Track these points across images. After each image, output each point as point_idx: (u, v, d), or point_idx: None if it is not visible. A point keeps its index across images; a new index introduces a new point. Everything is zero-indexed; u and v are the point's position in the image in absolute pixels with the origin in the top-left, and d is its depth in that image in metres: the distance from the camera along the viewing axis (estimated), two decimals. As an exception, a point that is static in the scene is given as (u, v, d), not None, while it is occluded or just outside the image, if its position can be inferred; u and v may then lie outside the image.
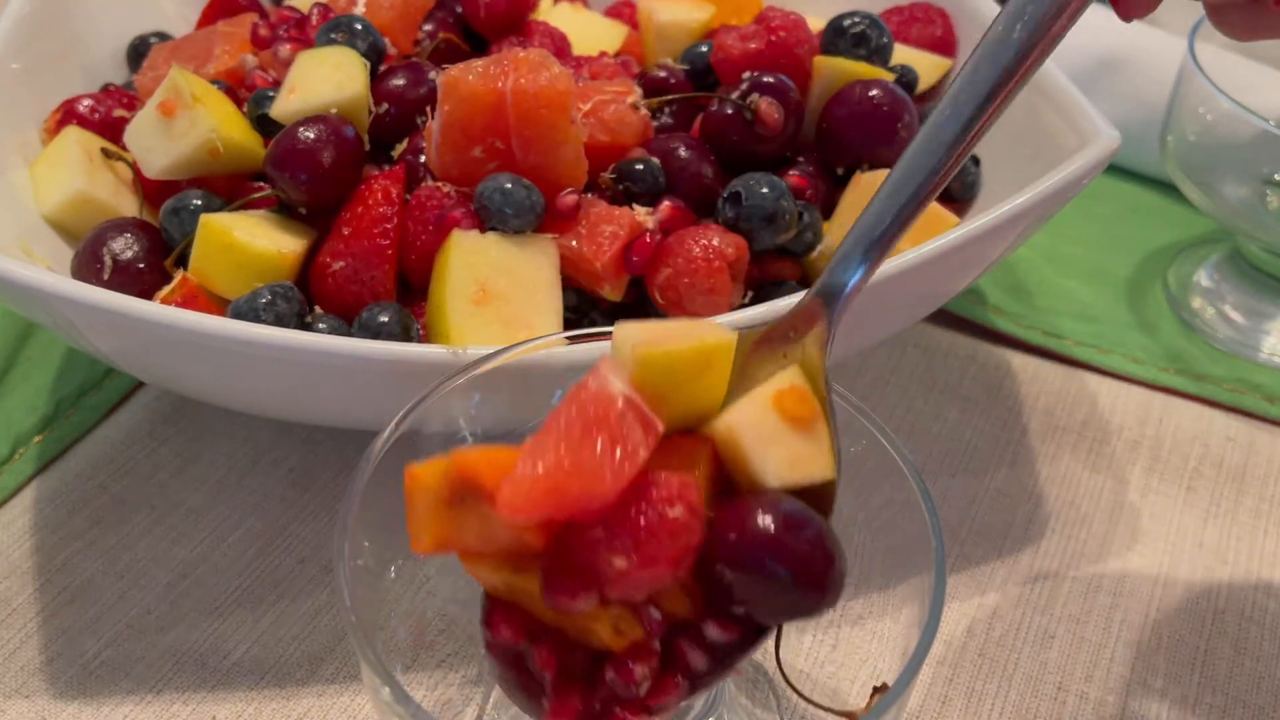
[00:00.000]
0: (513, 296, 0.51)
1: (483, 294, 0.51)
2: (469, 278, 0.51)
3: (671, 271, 0.53)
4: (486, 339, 0.50)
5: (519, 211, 0.52)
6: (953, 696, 0.51)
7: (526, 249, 0.52)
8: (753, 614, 0.40)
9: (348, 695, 0.50)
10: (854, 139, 0.59)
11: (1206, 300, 0.72)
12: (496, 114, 0.52)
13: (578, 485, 0.36)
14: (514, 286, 0.52)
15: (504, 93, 0.52)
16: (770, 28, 0.60)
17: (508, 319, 0.51)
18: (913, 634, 0.40)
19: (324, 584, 0.54)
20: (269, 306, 0.50)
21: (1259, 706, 0.51)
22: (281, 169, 0.54)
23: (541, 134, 0.53)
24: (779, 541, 0.38)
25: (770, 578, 0.38)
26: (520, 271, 0.52)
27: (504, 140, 0.53)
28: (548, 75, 0.52)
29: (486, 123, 0.53)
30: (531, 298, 0.52)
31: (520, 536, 0.38)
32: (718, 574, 0.40)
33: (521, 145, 0.53)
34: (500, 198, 0.52)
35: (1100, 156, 0.53)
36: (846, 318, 0.42)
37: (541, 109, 0.52)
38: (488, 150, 0.53)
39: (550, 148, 0.53)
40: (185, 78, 0.56)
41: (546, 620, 0.39)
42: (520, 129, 0.53)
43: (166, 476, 0.59)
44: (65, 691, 0.49)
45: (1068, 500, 0.60)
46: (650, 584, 0.39)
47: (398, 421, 0.43)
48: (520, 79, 0.52)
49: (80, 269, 0.55)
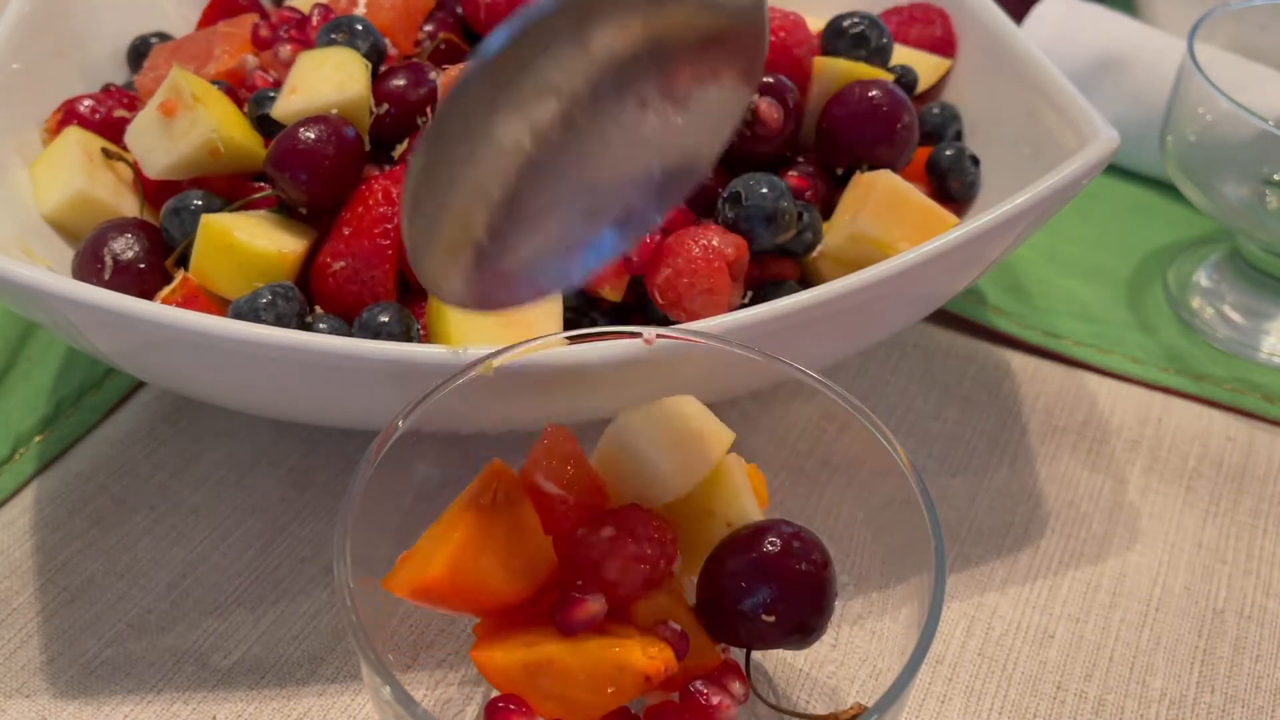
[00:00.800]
0: (513, 297, 0.51)
1: (484, 295, 0.51)
2: None
3: (671, 271, 0.53)
4: (486, 339, 0.50)
5: None
6: (952, 695, 0.51)
7: None
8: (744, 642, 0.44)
9: (348, 695, 0.50)
10: (853, 139, 0.59)
11: (1206, 300, 0.72)
12: (496, 114, 0.52)
13: None
14: None
15: (504, 93, 0.52)
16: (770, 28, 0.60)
17: (507, 319, 0.51)
18: (912, 633, 0.40)
19: (324, 584, 0.54)
20: (269, 306, 0.50)
21: (1258, 706, 0.51)
22: (282, 169, 0.54)
23: (541, 134, 0.53)
24: (775, 588, 0.42)
25: (759, 615, 0.42)
26: (520, 272, 0.52)
27: (504, 141, 0.53)
28: (547, 77, 0.52)
29: (486, 123, 0.53)
30: None
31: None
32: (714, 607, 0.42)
33: None
34: None
35: (1100, 156, 0.53)
36: (844, 315, 0.43)
37: (541, 110, 0.52)
38: (488, 151, 0.53)
39: (550, 148, 0.53)
40: (186, 78, 0.56)
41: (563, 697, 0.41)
42: (520, 129, 0.53)
43: (167, 476, 0.59)
44: (66, 691, 0.49)
45: (1067, 500, 0.60)
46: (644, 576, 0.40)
47: (397, 421, 0.43)
48: (520, 80, 0.52)
49: (81, 269, 0.55)
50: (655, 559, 0.42)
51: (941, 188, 0.62)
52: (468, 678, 0.50)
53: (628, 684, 0.40)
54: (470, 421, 0.48)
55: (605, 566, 0.42)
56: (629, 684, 0.40)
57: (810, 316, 0.49)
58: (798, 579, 0.42)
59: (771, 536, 0.43)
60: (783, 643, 0.44)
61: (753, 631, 0.43)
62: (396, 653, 0.49)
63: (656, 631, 0.42)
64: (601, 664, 0.40)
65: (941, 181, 0.61)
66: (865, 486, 0.48)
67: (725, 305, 0.53)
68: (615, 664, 0.40)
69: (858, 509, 0.48)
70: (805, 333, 0.51)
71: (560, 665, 0.40)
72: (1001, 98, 0.63)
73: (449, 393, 0.44)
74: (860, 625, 0.48)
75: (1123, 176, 0.82)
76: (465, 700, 0.49)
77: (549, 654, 0.40)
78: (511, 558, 0.41)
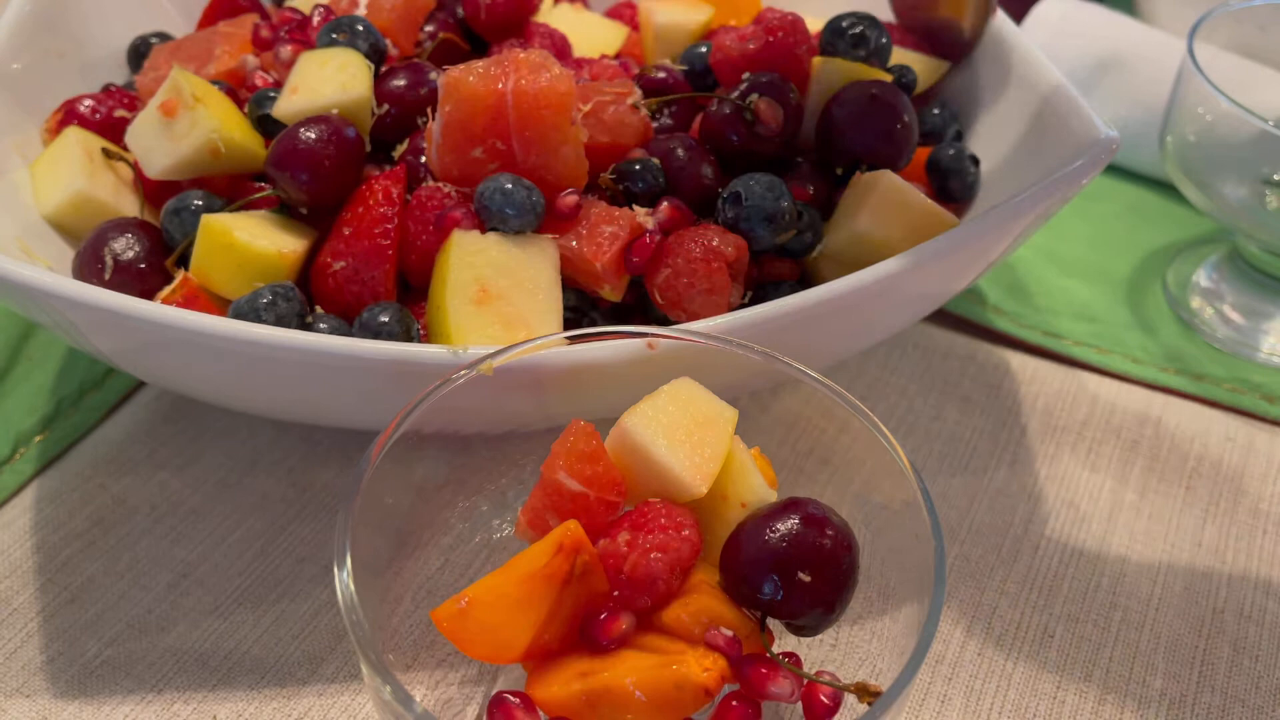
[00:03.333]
0: (513, 297, 0.51)
1: (483, 294, 0.51)
2: (469, 278, 0.51)
3: (671, 271, 0.53)
4: (487, 339, 0.50)
5: (520, 212, 0.52)
6: (952, 695, 0.51)
7: (527, 249, 0.52)
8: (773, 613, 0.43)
9: (348, 695, 0.50)
10: (853, 139, 0.59)
11: (1205, 300, 0.72)
12: (497, 115, 0.52)
13: None
14: (514, 287, 0.52)
15: (505, 93, 0.52)
16: (769, 29, 0.60)
17: (508, 319, 0.51)
18: (912, 633, 0.40)
19: (324, 583, 0.54)
20: (270, 306, 0.50)
21: (1257, 706, 0.51)
22: (282, 169, 0.54)
23: (542, 135, 0.53)
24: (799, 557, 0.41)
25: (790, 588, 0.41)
26: (520, 272, 0.52)
27: (504, 141, 0.53)
28: (548, 76, 0.52)
29: (487, 123, 0.53)
30: (532, 298, 0.52)
31: None
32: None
33: (522, 146, 0.53)
34: (501, 198, 0.52)
35: (1099, 157, 0.53)
36: (844, 315, 0.43)
37: (542, 110, 0.52)
38: (488, 151, 0.53)
39: (551, 148, 0.53)
40: (186, 78, 0.56)
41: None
42: (521, 130, 0.53)
43: (167, 476, 0.59)
44: (66, 691, 0.49)
45: (1067, 500, 0.60)
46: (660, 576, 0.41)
47: (397, 421, 0.43)
48: (521, 80, 0.52)
49: (81, 269, 0.55)
50: (679, 549, 0.41)
51: (942, 188, 0.62)
52: (468, 677, 0.50)
53: (688, 700, 0.40)
54: (470, 421, 0.48)
55: (634, 569, 0.41)
56: (689, 700, 0.40)
57: (810, 316, 0.50)
58: (830, 537, 0.42)
59: (800, 507, 0.42)
60: (808, 611, 0.42)
61: (783, 598, 0.42)
62: (397, 653, 0.49)
63: (708, 640, 0.41)
64: (660, 684, 0.40)
65: (942, 182, 0.62)
66: (865, 486, 0.48)
67: (725, 305, 0.53)
68: (674, 683, 0.40)
69: (858, 509, 0.48)
70: (805, 333, 0.51)
71: (619, 692, 0.40)
72: (1002, 98, 0.63)
73: (449, 393, 0.44)
74: (860, 625, 0.48)
75: (1123, 176, 0.82)
76: (465, 700, 0.49)
77: (605, 683, 0.40)
78: (576, 618, 0.42)
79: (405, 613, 0.50)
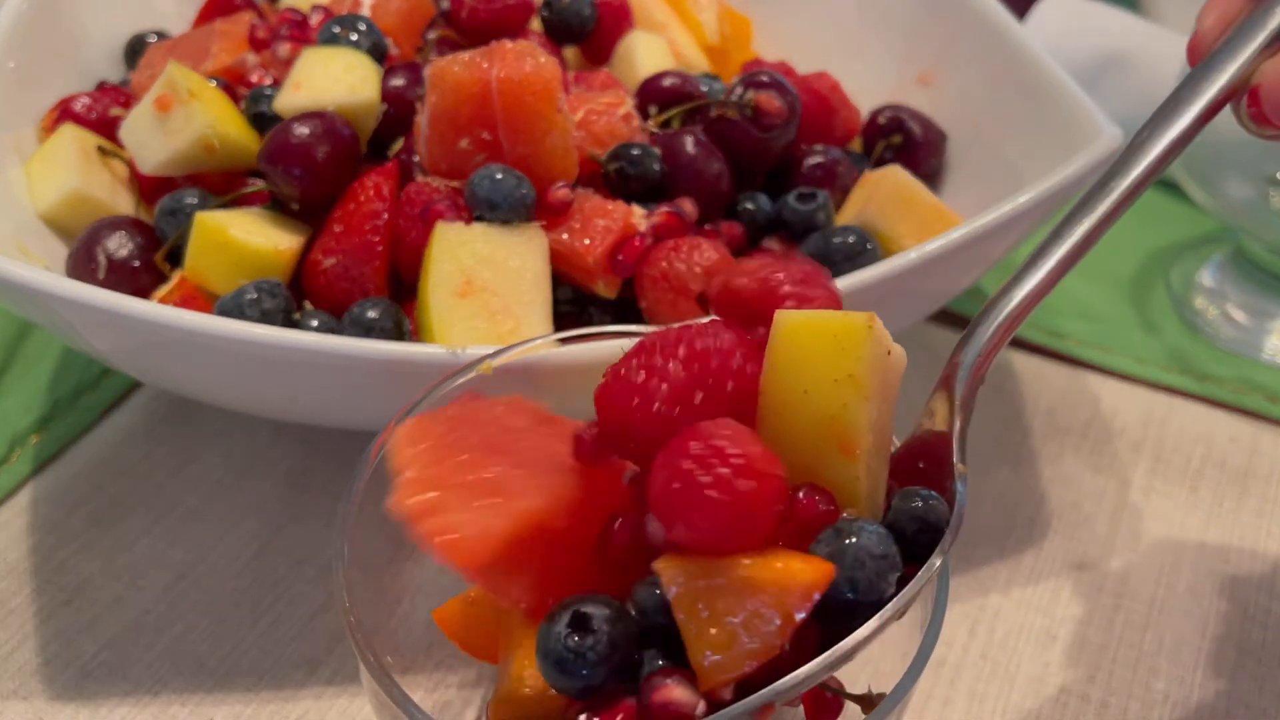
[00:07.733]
0: (499, 289, 0.51)
1: (467, 286, 0.50)
2: (453, 269, 0.51)
3: (651, 279, 0.53)
4: (470, 331, 0.50)
5: (507, 201, 0.51)
6: (955, 698, 0.51)
7: (512, 239, 0.52)
8: None
9: (346, 697, 0.50)
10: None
11: (1209, 300, 0.71)
12: (483, 104, 0.52)
13: None
14: (500, 278, 0.51)
15: (489, 81, 0.51)
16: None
17: (493, 311, 0.50)
18: (915, 635, 0.39)
19: (322, 585, 0.54)
20: (254, 303, 0.50)
21: (1262, 709, 0.51)
22: (275, 163, 0.54)
23: (528, 123, 0.52)
24: None
25: None
26: (506, 263, 0.51)
27: (491, 131, 0.52)
28: (533, 63, 0.52)
29: (473, 113, 0.52)
30: (517, 290, 0.51)
31: None
32: None
33: (509, 135, 0.52)
34: (489, 186, 0.51)
35: (1102, 155, 0.53)
36: None
37: (527, 96, 0.52)
38: (475, 141, 0.53)
39: (537, 137, 0.53)
40: (182, 73, 0.56)
41: None
42: (506, 118, 0.52)
43: (164, 477, 0.58)
44: (62, 693, 0.49)
45: (1070, 501, 0.59)
46: None
47: (397, 421, 0.43)
48: (505, 67, 0.52)
49: (75, 268, 0.55)
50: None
51: None
52: (466, 680, 0.49)
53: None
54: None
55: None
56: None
57: (811, 316, 0.49)
58: None
59: None
60: None
61: None
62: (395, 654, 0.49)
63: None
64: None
65: None
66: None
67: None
68: None
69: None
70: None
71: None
72: (1004, 96, 0.62)
73: (448, 393, 0.44)
74: (862, 627, 0.48)
75: (1125, 175, 0.81)
76: (464, 703, 0.48)
77: None
78: None
79: (404, 614, 0.50)
